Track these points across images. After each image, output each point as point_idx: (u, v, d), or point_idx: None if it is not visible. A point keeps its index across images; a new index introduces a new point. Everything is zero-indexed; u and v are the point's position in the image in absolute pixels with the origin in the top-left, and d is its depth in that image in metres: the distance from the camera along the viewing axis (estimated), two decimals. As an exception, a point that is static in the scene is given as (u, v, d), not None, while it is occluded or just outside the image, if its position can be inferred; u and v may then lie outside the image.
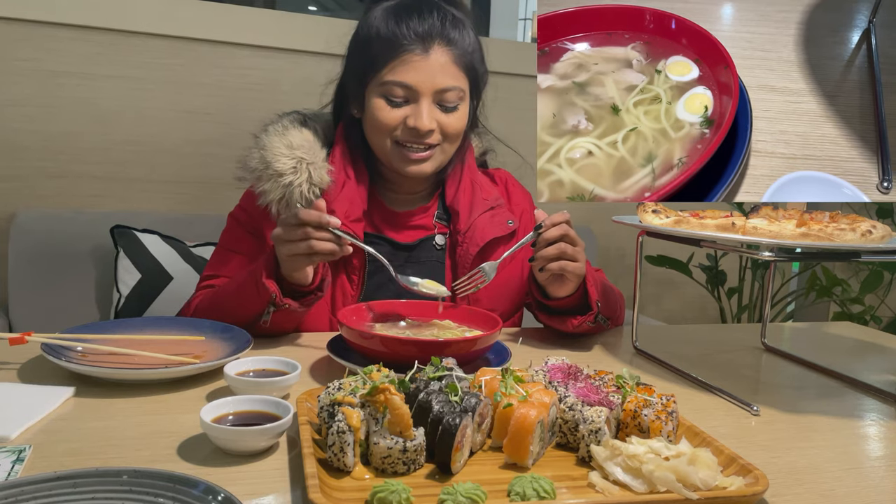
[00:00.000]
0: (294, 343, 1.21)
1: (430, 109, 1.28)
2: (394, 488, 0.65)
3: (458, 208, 1.39)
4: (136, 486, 0.62)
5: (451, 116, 1.30)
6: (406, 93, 1.27)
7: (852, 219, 1.06)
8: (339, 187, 1.33)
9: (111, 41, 2.00)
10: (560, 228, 1.20)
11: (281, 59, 2.16)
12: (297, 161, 1.29)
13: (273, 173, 1.28)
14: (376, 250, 1.27)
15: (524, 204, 1.50)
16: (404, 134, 1.29)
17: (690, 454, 0.72)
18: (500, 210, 1.42)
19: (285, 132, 1.33)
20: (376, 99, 1.29)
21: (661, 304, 2.79)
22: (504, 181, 1.52)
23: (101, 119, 2.02)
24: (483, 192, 1.42)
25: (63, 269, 1.89)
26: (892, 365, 1.34)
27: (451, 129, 1.31)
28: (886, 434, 0.96)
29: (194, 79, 2.09)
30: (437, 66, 1.27)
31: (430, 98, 1.27)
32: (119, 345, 1.04)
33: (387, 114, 1.28)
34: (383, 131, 1.29)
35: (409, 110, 1.28)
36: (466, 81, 1.32)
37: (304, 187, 1.28)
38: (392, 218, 1.40)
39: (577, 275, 1.22)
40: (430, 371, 0.84)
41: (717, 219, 1.06)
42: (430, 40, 1.27)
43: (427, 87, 1.27)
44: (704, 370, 1.15)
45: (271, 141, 1.31)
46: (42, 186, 1.99)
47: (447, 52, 1.28)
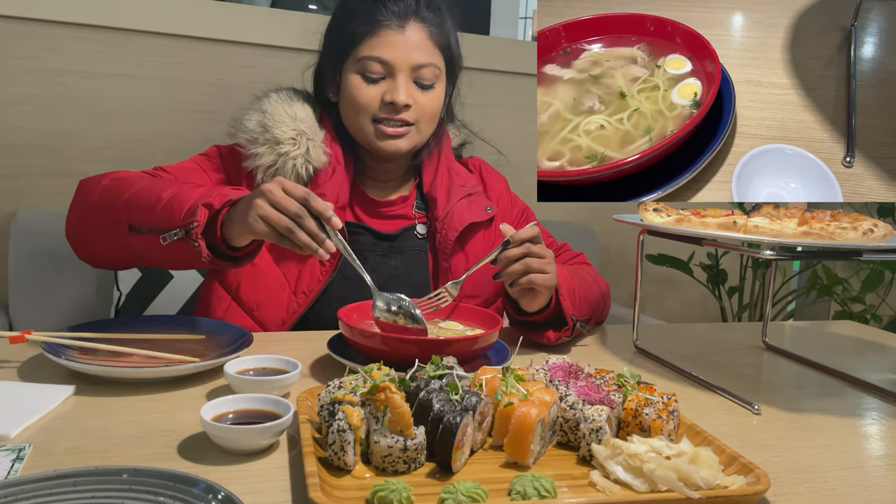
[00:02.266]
0: (294, 341, 1.21)
1: (408, 85, 1.28)
2: (394, 487, 0.65)
3: (435, 195, 1.39)
4: (137, 485, 0.62)
5: (428, 95, 1.31)
6: (383, 69, 1.28)
7: (854, 217, 1.06)
8: (332, 170, 1.32)
9: (112, 39, 2.00)
10: (523, 247, 1.14)
11: (282, 57, 2.15)
12: (299, 133, 1.29)
13: (270, 138, 1.27)
14: (359, 240, 1.30)
15: (500, 188, 1.51)
16: (381, 110, 1.29)
17: (692, 453, 0.72)
18: (478, 196, 1.43)
19: (290, 102, 1.33)
20: (353, 76, 1.29)
21: (662, 303, 2.79)
22: (478, 168, 1.52)
23: (101, 117, 2.02)
24: (460, 178, 1.43)
25: (63, 267, 1.88)
26: (893, 364, 1.34)
27: (428, 108, 1.32)
28: (888, 433, 0.96)
29: (195, 77, 2.09)
30: (414, 41, 1.28)
31: (407, 73, 1.28)
32: (119, 343, 1.03)
33: (364, 91, 1.28)
34: (360, 109, 1.29)
35: (386, 86, 1.28)
36: (442, 60, 1.33)
37: (298, 161, 1.28)
38: (372, 207, 1.39)
39: (548, 287, 1.17)
40: (430, 370, 0.84)
41: (718, 217, 1.06)
42: (405, 17, 1.28)
43: (403, 62, 1.27)
44: (705, 369, 1.14)
45: (274, 107, 1.31)
46: (42, 185, 1.99)
47: (423, 28, 1.30)
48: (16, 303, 1.86)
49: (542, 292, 1.18)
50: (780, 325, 1.76)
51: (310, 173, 1.30)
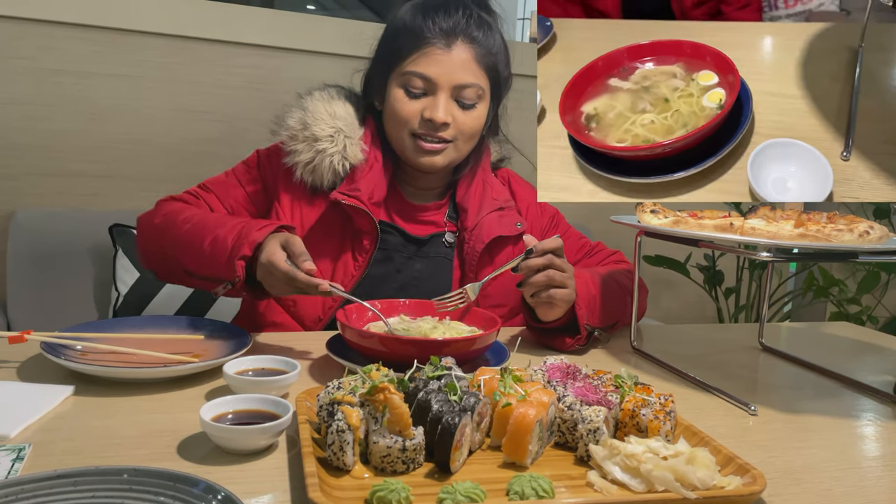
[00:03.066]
0: (293, 342, 1.21)
1: (448, 103, 1.29)
2: (393, 487, 0.65)
3: (466, 206, 1.40)
4: (137, 485, 0.62)
5: (469, 115, 1.32)
6: (425, 85, 1.29)
7: (850, 219, 1.06)
8: (368, 167, 1.34)
9: (109, 40, 2.00)
10: (546, 258, 1.19)
11: (279, 58, 2.16)
12: (336, 131, 1.32)
13: (309, 135, 1.31)
14: (388, 240, 1.33)
15: (529, 198, 1.51)
16: (420, 126, 1.30)
17: (688, 454, 0.73)
18: (510, 211, 1.43)
19: (331, 101, 1.36)
20: (396, 89, 1.31)
21: (659, 304, 2.79)
22: (507, 179, 1.53)
23: (99, 118, 2.02)
24: (493, 191, 1.44)
25: (62, 267, 1.89)
26: (889, 365, 1.35)
27: (467, 127, 1.32)
28: (883, 434, 0.96)
29: (193, 77, 2.09)
30: (458, 61, 1.29)
31: (448, 92, 1.29)
32: (118, 343, 1.04)
33: (405, 105, 1.30)
34: (401, 122, 1.31)
35: (427, 102, 1.30)
36: (487, 81, 1.33)
37: (335, 158, 1.31)
38: (407, 210, 1.41)
39: (567, 301, 1.21)
40: (429, 370, 0.85)
41: (715, 219, 1.06)
42: (453, 36, 1.29)
43: (445, 80, 1.28)
44: (702, 370, 1.15)
45: (315, 105, 1.34)
46: (40, 185, 1.99)
47: (470, 48, 1.30)
48: (14, 303, 1.86)
49: (560, 305, 1.22)
50: (776, 327, 1.76)
51: (346, 169, 1.33)
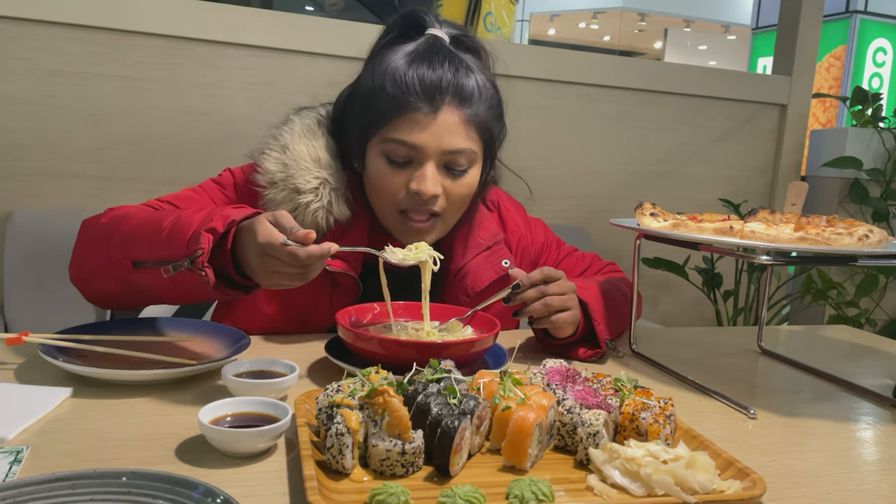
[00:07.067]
0: (292, 344, 1.21)
1: (436, 173, 1.16)
2: (392, 490, 0.65)
3: (449, 250, 1.30)
4: (135, 488, 0.62)
5: (459, 182, 1.19)
6: (410, 153, 1.16)
7: (849, 223, 1.06)
8: (353, 221, 1.23)
9: (108, 40, 2.00)
10: (537, 290, 1.14)
11: (277, 59, 2.15)
12: (322, 183, 1.19)
13: (292, 187, 1.17)
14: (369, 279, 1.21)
15: (519, 229, 1.43)
16: (406, 200, 1.18)
17: (688, 457, 0.73)
18: (497, 248, 1.34)
19: (314, 139, 1.22)
20: (377, 158, 1.18)
21: (658, 307, 2.79)
22: (496, 205, 1.43)
23: (97, 118, 2.02)
24: (481, 231, 1.34)
25: (60, 268, 1.87)
26: (888, 368, 1.35)
27: (457, 197, 1.20)
28: (882, 437, 0.96)
29: (191, 78, 2.09)
30: (446, 126, 1.15)
31: (436, 160, 1.16)
32: (117, 346, 1.03)
33: (389, 179, 1.17)
34: (385, 197, 1.19)
35: (413, 172, 1.17)
36: (479, 143, 1.20)
37: (319, 214, 1.18)
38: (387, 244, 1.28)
39: (572, 323, 1.16)
40: (428, 373, 0.84)
41: (714, 222, 1.06)
42: (439, 97, 1.15)
43: (433, 148, 1.15)
44: (701, 373, 1.15)
45: (298, 148, 1.20)
46: (38, 186, 1.99)
47: (458, 111, 1.16)
48: (12, 304, 1.85)
49: (567, 328, 1.17)
50: (775, 330, 1.76)
51: (330, 224, 1.20)
